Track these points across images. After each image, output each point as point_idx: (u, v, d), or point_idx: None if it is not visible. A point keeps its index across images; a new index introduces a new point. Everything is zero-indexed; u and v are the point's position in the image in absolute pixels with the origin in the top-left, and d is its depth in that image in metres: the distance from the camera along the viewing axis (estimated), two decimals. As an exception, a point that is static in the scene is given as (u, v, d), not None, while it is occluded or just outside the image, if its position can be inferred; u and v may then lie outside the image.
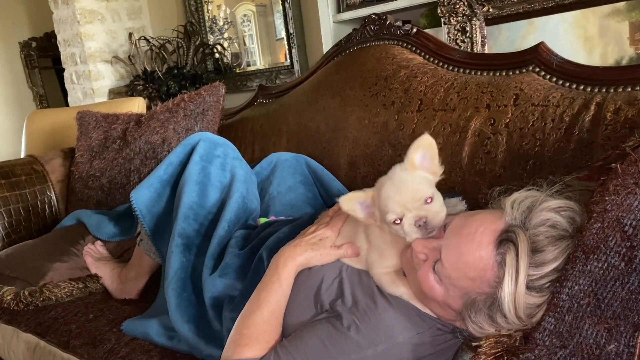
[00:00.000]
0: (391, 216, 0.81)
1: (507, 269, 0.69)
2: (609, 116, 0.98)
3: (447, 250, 0.76)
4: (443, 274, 0.76)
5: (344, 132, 1.48)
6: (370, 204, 0.86)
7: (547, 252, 0.70)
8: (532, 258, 0.69)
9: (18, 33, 4.32)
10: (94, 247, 1.53)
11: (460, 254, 0.74)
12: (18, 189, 1.79)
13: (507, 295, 0.69)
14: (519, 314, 0.70)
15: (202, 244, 1.17)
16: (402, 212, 0.80)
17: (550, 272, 0.70)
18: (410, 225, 0.80)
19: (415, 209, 0.80)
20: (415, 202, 0.80)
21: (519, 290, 0.69)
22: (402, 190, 0.81)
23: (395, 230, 0.83)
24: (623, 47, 1.48)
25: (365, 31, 1.56)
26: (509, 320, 0.71)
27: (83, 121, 1.87)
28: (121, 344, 1.17)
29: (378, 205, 0.84)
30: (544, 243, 0.70)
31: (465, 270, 0.73)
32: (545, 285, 0.70)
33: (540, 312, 0.70)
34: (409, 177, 0.82)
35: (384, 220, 0.83)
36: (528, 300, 0.70)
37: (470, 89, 1.24)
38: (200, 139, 1.27)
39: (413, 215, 0.80)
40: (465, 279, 0.74)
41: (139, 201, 1.25)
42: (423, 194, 0.81)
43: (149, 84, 2.78)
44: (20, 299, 1.38)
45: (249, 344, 0.88)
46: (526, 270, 0.69)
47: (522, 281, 0.69)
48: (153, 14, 3.29)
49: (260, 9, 2.81)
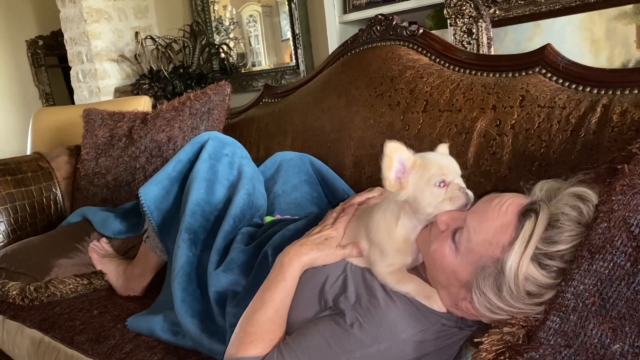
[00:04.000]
0: (438, 178, 0.83)
1: (523, 232, 0.72)
2: (615, 118, 0.98)
3: (473, 215, 0.80)
4: (463, 238, 0.79)
5: (349, 132, 1.48)
6: (409, 167, 0.85)
7: (563, 231, 0.71)
8: (546, 232, 0.71)
9: (25, 31, 4.35)
10: (99, 243, 1.54)
11: (485, 219, 0.77)
12: (24, 186, 1.80)
13: (514, 254, 0.72)
14: (518, 281, 0.71)
15: (208, 240, 1.18)
16: (450, 179, 0.84)
17: (557, 253, 0.71)
18: (454, 191, 0.83)
19: (458, 179, 0.86)
20: (458, 173, 0.86)
21: (526, 253, 0.71)
22: (452, 160, 0.87)
23: (429, 194, 0.83)
24: (630, 49, 1.48)
25: (371, 32, 1.56)
26: (512, 292, 0.72)
27: (89, 119, 1.88)
28: (125, 340, 1.17)
29: (422, 169, 0.84)
30: (563, 219, 0.72)
31: (485, 232, 0.76)
32: (551, 268, 0.71)
33: (539, 299, 0.71)
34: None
35: (418, 188, 0.84)
36: (530, 271, 0.71)
37: (476, 90, 1.24)
38: (209, 137, 1.28)
39: (459, 182, 0.85)
40: (483, 243, 0.76)
41: (147, 197, 1.26)
42: (460, 170, 0.87)
43: (155, 83, 2.79)
44: (26, 295, 1.39)
45: (253, 342, 0.88)
46: (538, 238, 0.71)
47: (532, 247, 0.71)
48: (159, 14, 3.30)
49: (266, 9, 2.82)
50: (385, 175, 0.84)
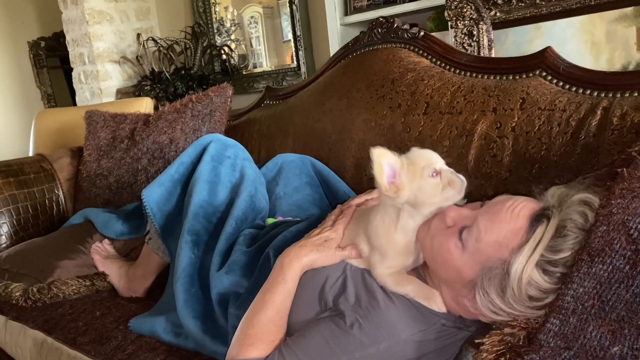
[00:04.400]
0: (430, 169, 0.84)
1: (534, 237, 0.73)
2: (616, 121, 0.98)
3: (484, 215, 0.80)
4: (471, 237, 0.79)
5: (350, 134, 1.49)
6: (398, 169, 0.86)
7: (567, 239, 0.72)
8: (552, 240, 0.72)
9: (27, 33, 4.36)
10: (102, 245, 1.55)
11: (498, 220, 0.78)
12: (27, 187, 1.81)
13: (522, 257, 0.72)
14: (521, 284, 0.72)
15: (211, 241, 1.19)
16: (439, 166, 0.85)
17: (560, 260, 0.71)
18: (449, 175, 0.84)
19: (445, 167, 0.86)
20: (442, 162, 0.87)
21: (532, 258, 0.72)
22: (432, 151, 0.89)
23: (428, 187, 0.84)
24: (630, 52, 1.48)
25: (372, 34, 1.57)
26: (515, 295, 0.73)
27: (91, 120, 1.88)
28: (128, 342, 1.18)
29: (412, 166, 0.86)
30: (570, 227, 0.72)
31: (497, 234, 0.76)
32: (554, 274, 0.71)
33: (541, 303, 0.72)
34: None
35: (414, 184, 0.85)
36: (534, 276, 0.72)
37: (477, 92, 1.24)
38: (212, 140, 1.29)
39: (447, 167, 0.86)
40: (493, 244, 0.76)
41: (150, 199, 1.26)
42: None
43: (157, 85, 2.80)
44: (29, 296, 1.39)
45: (254, 343, 0.89)
46: (545, 245, 0.72)
47: (539, 252, 0.72)
48: (161, 15, 3.31)
49: (267, 10, 2.83)
50: (379, 182, 0.85)
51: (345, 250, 0.95)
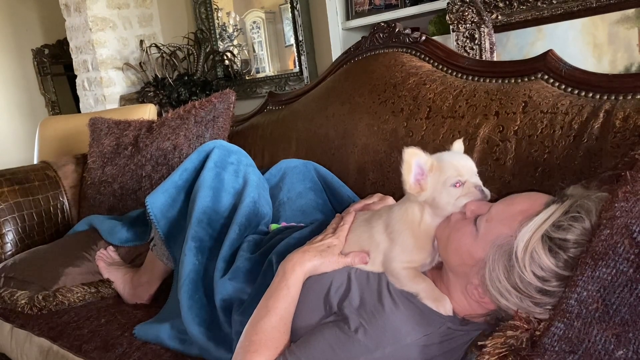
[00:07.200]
0: (454, 179, 0.86)
1: (546, 211, 0.75)
2: (618, 124, 0.98)
3: (500, 203, 0.83)
4: (483, 220, 0.81)
5: (353, 139, 1.49)
6: (427, 170, 0.88)
7: (576, 225, 0.72)
8: (562, 216, 0.73)
9: (31, 40, 4.39)
10: (106, 252, 1.55)
11: (511, 203, 0.81)
12: (31, 195, 1.82)
13: (531, 224, 0.74)
14: (525, 256, 0.73)
15: (214, 248, 1.19)
16: (465, 178, 0.87)
17: (564, 242, 0.72)
18: (469, 189, 0.87)
19: (474, 178, 0.89)
20: (474, 172, 0.90)
21: (540, 228, 0.73)
22: (467, 159, 0.91)
23: (446, 194, 0.87)
24: (632, 54, 1.48)
25: (374, 39, 1.57)
26: (520, 267, 0.73)
27: (95, 127, 1.89)
28: (133, 348, 1.18)
29: (439, 171, 0.88)
30: (582, 213, 0.73)
31: (509, 212, 0.79)
32: (559, 257, 0.72)
33: (545, 286, 0.72)
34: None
35: (436, 189, 0.87)
36: (538, 249, 0.72)
37: (479, 96, 1.24)
38: (215, 146, 1.29)
39: (475, 180, 0.88)
40: (506, 221, 0.78)
41: (154, 206, 1.27)
42: (476, 168, 0.91)
43: (160, 91, 2.81)
44: (34, 304, 1.40)
45: (258, 350, 0.89)
46: (555, 219, 0.73)
47: (548, 224, 0.73)
48: (164, 22, 3.32)
49: (270, 16, 2.83)
50: (405, 179, 0.88)
51: (348, 257, 0.95)
